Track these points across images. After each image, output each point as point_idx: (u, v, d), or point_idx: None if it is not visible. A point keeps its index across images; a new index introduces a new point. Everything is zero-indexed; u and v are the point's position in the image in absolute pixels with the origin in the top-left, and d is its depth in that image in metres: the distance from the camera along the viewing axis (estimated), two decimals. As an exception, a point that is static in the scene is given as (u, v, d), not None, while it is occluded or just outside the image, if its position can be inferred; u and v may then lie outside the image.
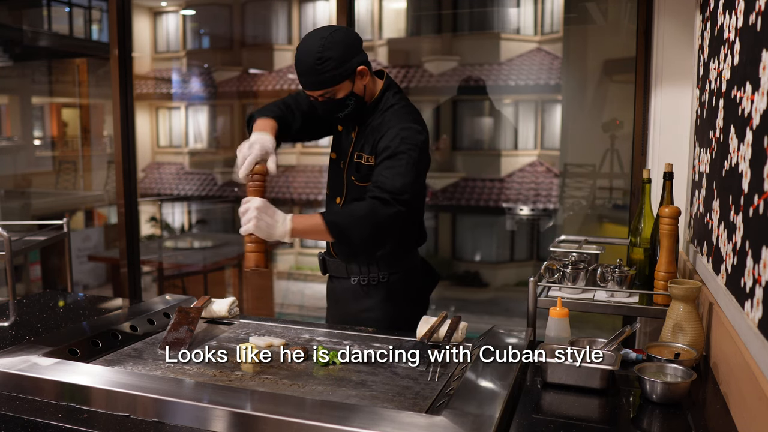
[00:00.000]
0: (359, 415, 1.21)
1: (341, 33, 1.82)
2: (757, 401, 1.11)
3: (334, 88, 1.81)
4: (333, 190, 2.04)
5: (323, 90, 1.81)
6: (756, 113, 1.25)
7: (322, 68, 1.77)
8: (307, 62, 1.78)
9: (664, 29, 2.52)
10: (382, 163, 1.82)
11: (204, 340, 1.78)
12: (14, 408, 1.33)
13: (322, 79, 1.78)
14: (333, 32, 1.81)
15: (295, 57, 1.81)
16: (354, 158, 1.94)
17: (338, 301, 2.09)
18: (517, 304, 5.65)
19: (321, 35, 1.79)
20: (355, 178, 1.94)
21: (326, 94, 1.82)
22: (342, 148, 2.00)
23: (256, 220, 1.69)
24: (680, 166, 2.38)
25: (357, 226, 1.75)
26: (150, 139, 9.46)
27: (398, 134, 1.82)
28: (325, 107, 1.87)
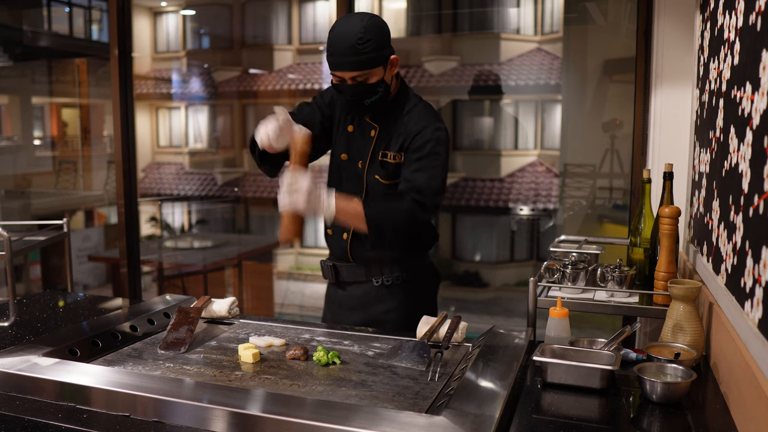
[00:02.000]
0: (359, 415, 1.21)
1: (379, 19, 1.86)
2: (757, 401, 1.11)
3: (369, 71, 1.81)
4: (346, 191, 1.96)
5: (359, 72, 1.80)
6: (756, 113, 1.25)
7: (363, 49, 1.77)
8: (347, 42, 1.77)
9: (664, 29, 2.52)
10: (417, 161, 1.85)
11: (204, 340, 1.78)
12: (14, 408, 1.33)
13: (361, 60, 1.78)
14: (372, 17, 1.84)
15: (331, 38, 1.80)
16: (379, 157, 1.93)
17: (353, 307, 2.05)
18: (517, 304, 5.65)
19: (360, 18, 1.81)
20: (380, 177, 1.93)
21: (359, 77, 1.81)
22: (358, 148, 1.97)
23: (305, 204, 1.70)
24: (680, 166, 2.38)
25: (393, 225, 1.82)
26: (150, 139, 9.47)
27: (433, 135, 1.86)
28: (354, 91, 1.84)
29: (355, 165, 1.98)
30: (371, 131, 1.95)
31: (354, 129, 1.98)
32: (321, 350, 1.61)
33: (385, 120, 1.94)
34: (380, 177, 1.93)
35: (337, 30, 1.80)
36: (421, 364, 1.57)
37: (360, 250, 2.00)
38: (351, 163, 1.99)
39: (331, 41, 1.80)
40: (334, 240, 2.04)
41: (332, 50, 1.80)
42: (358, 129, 1.98)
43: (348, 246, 2.00)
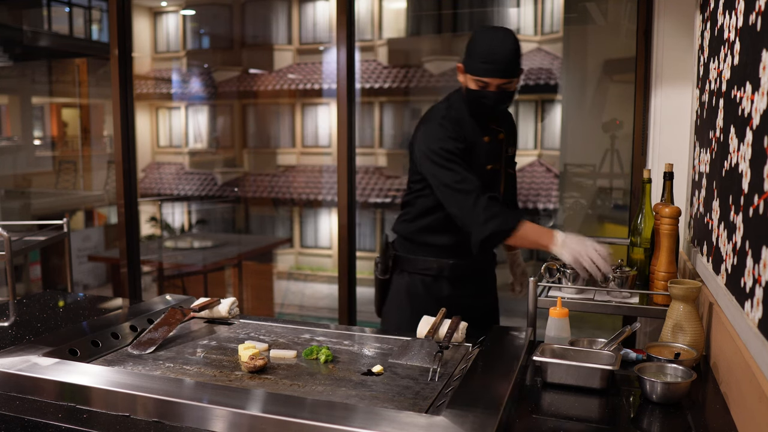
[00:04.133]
0: (359, 415, 1.21)
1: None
2: (757, 401, 1.11)
3: (514, 80, 2.05)
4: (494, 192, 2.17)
5: (510, 79, 2.02)
6: (756, 113, 1.25)
7: (517, 59, 2.03)
8: (510, 52, 2.00)
9: (664, 29, 2.52)
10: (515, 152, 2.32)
11: (204, 340, 1.78)
12: (14, 408, 1.33)
13: (513, 68, 2.02)
14: (513, 31, 2.08)
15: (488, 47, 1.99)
16: (506, 154, 2.24)
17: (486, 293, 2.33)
18: (517, 304, 5.64)
19: (509, 32, 2.05)
20: (510, 169, 2.31)
21: (507, 84, 2.03)
22: (496, 154, 2.18)
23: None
24: (680, 166, 2.38)
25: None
26: (150, 139, 9.47)
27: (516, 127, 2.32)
28: (498, 97, 2.04)
29: (496, 167, 2.19)
30: (500, 135, 2.18)
31: (490, 139, 2.16)
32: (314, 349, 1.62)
33: (502, 123, 2.20)
34: (510, 169, 2.31)
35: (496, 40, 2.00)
36: (431, 362, 1.57)
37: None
38: (494, 168, 2.18)
39: (489, 50, 1.98)
40: None
41: (490, 59, 1.98)
42: (492, 137, 2.16)
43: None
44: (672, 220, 1.92)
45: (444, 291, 2.20)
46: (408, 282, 2.21)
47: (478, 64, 2.00)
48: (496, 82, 2.00)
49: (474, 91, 2.05)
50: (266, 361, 1.56)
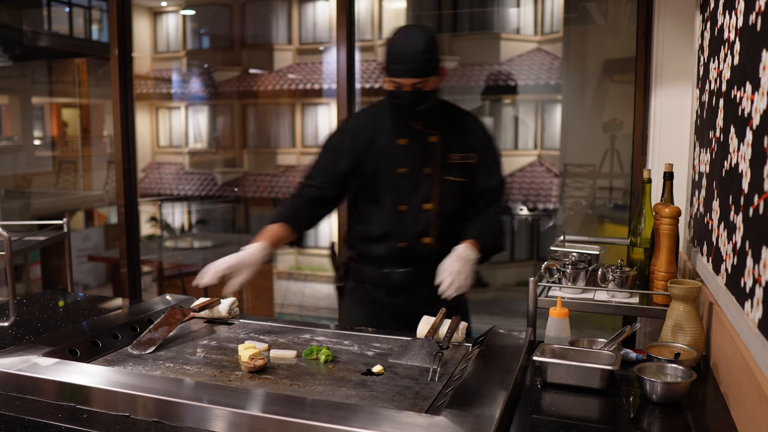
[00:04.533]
0: (359, 415, 1.21)
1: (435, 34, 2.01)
2: (757, 401, 1.11)
3: (429, 79, 1.94)
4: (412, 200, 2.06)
5: (422, 78, 1.92)
6: (756, 113, 1.25)
7: (428, 57, 1.92)
8: (416, 50, 1.91)
9: (664, 29, 2.52)
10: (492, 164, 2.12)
11: (204, 340, 1.78)
12: (14, 408, 1.33)
13: (425, 67, 1.92)
14: (430, 30, 2.00)
15: (397, 47, 1.93)
16: (448, 160, 2.06)
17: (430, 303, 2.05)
18: (517, 304, 5.65)
19: (422, 30, 1.97)
20: (453, 177, 2.07)
21: (418, 84, 1.93)
22: (419, 157, 2.05)
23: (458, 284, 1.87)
24: (680, 166, 2.38)
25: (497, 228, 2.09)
26: (150, 139, 9.47)
27: (490, 136, 2.16)
28: (411, 98, 1.95)
29: (419, 173, 2.05)
30: (430, 137, 2.05)
31: (408, 141, 2.05)
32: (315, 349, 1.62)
33: (440, 126, 2.06)
34: (452, 177, 2.08)
35: (404, 39, 1.94)
36: (431, 362, 1.57)
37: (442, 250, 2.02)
38: (414, 173, 2.06)
39: (398, 50, 1.93)
40: (413, 249, 2.07)
41: (398, 58, 1.92)
42: (414, 139, 2.05)
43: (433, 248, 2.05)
44: (672, 220, 1.92)
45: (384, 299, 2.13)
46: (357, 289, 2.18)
47: (390, 64, 1.95)
48: (408, 81, 1.93)
49: (389, 92, 2.00)
50: (266, 361, 1.56)
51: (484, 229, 2.05)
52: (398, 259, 2.09)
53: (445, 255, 2.04)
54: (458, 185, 2.07)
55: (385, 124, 2.07)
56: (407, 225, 2.06)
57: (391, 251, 2.08)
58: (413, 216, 2.06)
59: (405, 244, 2.07)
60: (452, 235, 2.05)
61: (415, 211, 2.06)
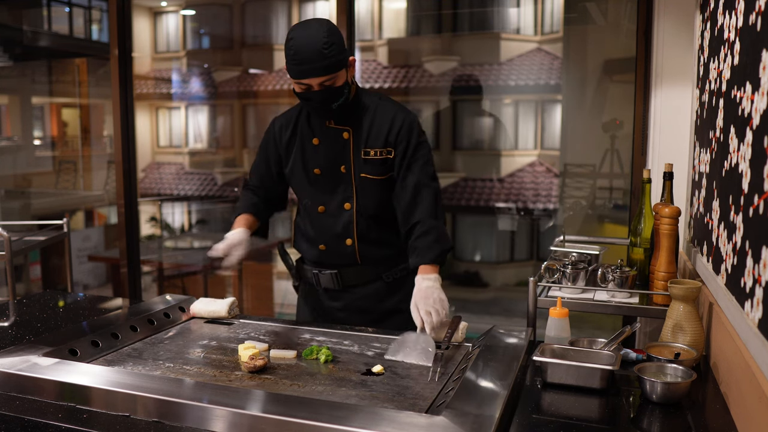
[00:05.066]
0: (359, 415, 1.21)
1: (332, 23, 1.86)
2: (757, 401, 1.11)
3: (336, 75, 1.81)
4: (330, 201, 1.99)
5: (327, 76, 1.80)
6: (756, 113, 1.25)
7: (329, 53, 1.78)
8: (313, 48, 1.77)
9: (664, 29, 2.52)
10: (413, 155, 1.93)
11: (204, 340, 1.78)
12: (14, 408, 1.33)
13: (327, 64, 1.78)
14: (328, 21, 1.85)
15: (293, 47, 1.79)
16: (362, 155, 1.94)
17: (364, 308, 2.04)
18: (517, 304, 5.65)
19: (318, 24, 1.82)
20: (369, 174, 1.94)
21: (327, 82, 1.81)
22: (333, 155, 1.96)
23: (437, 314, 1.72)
24: (680, 166, 2.38)
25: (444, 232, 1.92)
26: (150, 139, 9.47)
27: (411, 125, 1.95)
28: (322, 97, 1.84)
29: (335, 172, 1.96)
30: (343, 134, 1.95)
31: (320, 140, 1.97)
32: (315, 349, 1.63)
33: (354, 121, 1.95)
34: (370, 174, 1.95)
35: (301, 38, 1.79)
36: (427, 360, 1.57)
37: (368, 251, 2.00)
38: (329, 172, 1.97)
39: (296, 50, 1.78)
40: (334, 251, 2.01)
41: (299, 59, 1.78)
42: (326, 137, 1.96)
43: (356, 249, 1.98)
44: (672, 220, 1.92)
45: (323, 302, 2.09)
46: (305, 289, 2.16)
47: (290, 65, 1.81)
48: (315, 81, 1.80)
49: (298, 95, 1.88)
50: (266, 361, 1.56)
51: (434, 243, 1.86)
52: (322, 262, 2.03)
53: (368, 257, 1.99)
54: (377, 183, 1.95)
55: (302, 123, 2.00)
56: (327, 227, 1.99)
57: (316, 253, 2.03)
58: (333, 217, 1.98)
59: (325, 247, 2.00)
60: (377, 236, 1.99)
61: (334, 211, 1.98)
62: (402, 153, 1.93)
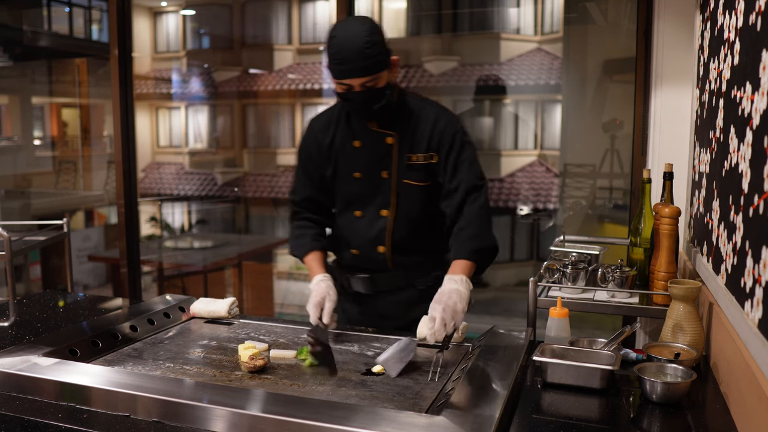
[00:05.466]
0: (359, 415, 1.21)
1: (375, 22, 1.80)
2: (757, 401, 1.11)
3: (378, 75, 1.76)
4: (368, 206, 1.94)
5: (370, 77, 1.75)
6: (756, 113, 1.25)
7: (371, 53, 1.72)
8: (355, 48, 1.71)
9: (664, 29, 2.52)
10: (458, 157, 1.87)
11: (204, 340, 1.78)
12: (14, 408, 1.33)
13: (370, 64, 1.73)
14: (371, 20, 1.79)
15: (336, 46, 1.73)
16: (405, 161, 1.89)
17: (390, 316, 1.99)
18: (517, 304, 5.65)
19: (362, 21, 1.76)
20: (412, 180, 1.90)
21: (369, 83, 1.76)
22: (374, 160, 1.90)
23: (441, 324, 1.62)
24: (680, 166, 2.38)
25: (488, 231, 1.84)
26: (150, 139, 9.47)
27: (456, 127, 1.89)
28: (364, 98, 1.78)
29: (375, 177, 1.91)
30: (387, 138, 1.89)
31: (362, 143, 1.91)
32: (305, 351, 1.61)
33: (398, 125, 1.89)
34: (413, 180, 1.90)
35: (341, 37, 1.74)
36: (393, 370, 1.52)
37: (400, 259, 1.96)
38: (369, 177, 1.92)
39: (338, 49, 1.73)
40: (366, 257, 1.97)
41: (340, 58, 1.73)
42: (369, 141, 1.90)
43: (388, 257, 1.95)
44: (672, 220, 1.92)
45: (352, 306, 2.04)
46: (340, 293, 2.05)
47: (332, 65, 1.76)
48: (356, 82, 1.75)
49: (339, 95, 1.83)
50: (266, 361, 1.56)
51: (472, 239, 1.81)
52: (353, 267, 2.00)
53: (401, 264, 1.94)
54: (420, 189, 1.90)
55: (342, 124, 1.94)
56: (361, 232, 1.95)
57: (347, 257, 2.00)
58: (368, 223, 1.94)
59: (357, 252, 1.97)
60: (411, 244, 1.94)
61: (370, 217, 1.94)
62: (445, 156, 1.87)
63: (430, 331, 1.61)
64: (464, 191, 1.86)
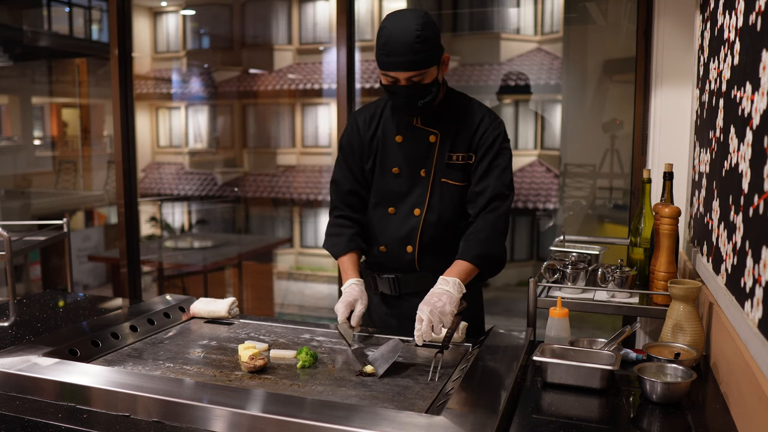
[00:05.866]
0: (359, 415, 1.21)
1: (430, 16, 1.77)
2: (757, 401, 1.11)
3: (426, 71, 1.73)
4: (402, 203, 1.92)
5: (417, 71, 1.72)
6: (756, 113, 1.25)
7: (421, 47, 1.69)
8: (405, 41, 1.68)
9: (664, 29, 2.52)
10: (492, 162, 1.85)
11: (204, 340, 1.78)
12: (14, 408, 1.33)
13: (419, 59, 1.70)
14: (425, 14, 1.75)
15: (386, 36, 1.71)
16: (444, 160, 1.87)
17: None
18: (517, 304, 5.65)
19: (415, 15, 1.73)
20: (451, 180, 1.88)
21: (416, 77, 1.73)
22: (414, 157, 1.88)
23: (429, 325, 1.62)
24: (680, 166, 2.38)
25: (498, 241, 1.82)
26: (150, 139, 9.46)
27: (495, 130, 1.86)
28: (409, 92, 1.76)
29: (414, 174, 1.89)
30: (430, 137, 1.87)
31: (404, 138, 1.89)
32: (304, 351, 1.61)
33: (443, 123, 1.87)
34: (451, 180, 1.88)
35: (393, 28, 1.71)
36: (380, 368, 1.53)
37: (428, 260, 1.93)
38: (408, 174, 1.89)
39: (387, 40, 1.71)
40: (393, 255, 1.94)
41: (389, 49, 1.70)
42: (411, 137, 1.88)
43: (416, 257, 1.92)
44: (672, 220, 1.92)
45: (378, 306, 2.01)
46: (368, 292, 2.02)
47: (379, 55, 1.73)
48: (403, 75, 1.72)
49: (384, 86, 1.80)
50: (266, 361, 1.56)
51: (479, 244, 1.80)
52: (381, 265, 1.97)
53: (429, 266, 1.91)
54: (457, 190, 1.88)
55: (386, 117, 1.92)
56: (391, 230, 1.92)
57: (375, 255, 1.98)
58: (400, 221, 1.92)
59: (385, 249, 1.94)
60: (440, 245, 1.91)
61: (403, 215, 1.91)
62: (481, 158, 1.85)
63: (417, 332, 1.60)
64: (489, 197, 1.84)
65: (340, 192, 1.98)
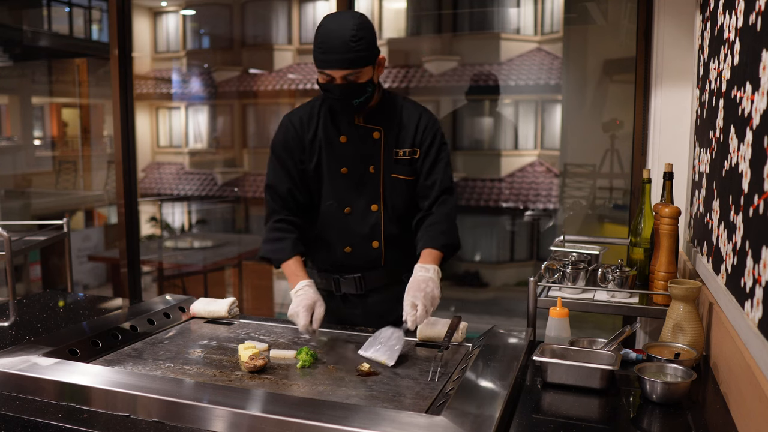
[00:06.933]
0: (359, 415, 1.21)
1: (367, 18, 1.82)
2: (757, 401, 1.11)
3: (361, 70, 1.78)
4: (357, 201, 1.94)
5: (352, 70, 1.76)
6: (756, 113, 1.25)
7: (356, 46, 1.75)
8: (341, 39, 1.74)
9: (664, 29, 2.52)
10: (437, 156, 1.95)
11: (204, 340, 1.78)
12: (14, 408, 1.33)
13: (353, 57, 1.75)
14: (362, 15, 1.81)
15: (322, 35, 1.77)
16: (392, 156, 1.93)
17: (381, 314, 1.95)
18: (517, 304, 5.65)
19: (352, 15, 1.79)
20: (400, 174, 1.94)
21: (350, 76, 1.77)
22: (361, 155, 1.92)
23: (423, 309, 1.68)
24: (680, 166, 2.38)
25: (455, 230, 1.93)
26: (150, 139, 9.46)
27: (434, 126, 1.96)
28: (343, 91, 1.80)
29: (363, 172, 1.93)
30: (374, 133, 1.92)
31: (348, 138, 1.92)
32: (304, 351, 1.61)
33: (384, 120, 1.93)
34: (400, 175, 1.94)
35: (329, 27, 1.77)
36: (390, 358, 1.56)
37: (393, 253, 1.96)
38: (357, 172, 1.93)
39: (323, 38, 1.77)
40: (359, 253, 1.96)
41: (324, 47, 1.76)
42: (355, 136, 1.92)
43: (382, 252, 1.95)
44: (672, 220, 1.92)
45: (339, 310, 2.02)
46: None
47: (316, 53, 1.79)
48: (338, 73, 1.76)
49: (320, 85, 1.84)
50: (266, 361, 1.56)
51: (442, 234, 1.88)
52: (344, 266, 1.98)
53: (393, 259, 1.95)
54: (406, 183, 1.94)
55: (325, 119, 1.94)
56: (353, 228, 1.94)
57: (337, 257, 1.97)
58: (359, 218, 1.94)
59: (351, 249, 1.96)
60: (402, 238, 1.96)
61: (360, 213, 1.94)
62: (426, 152, 1.94)
63: (412, 317, 1.64)
64: (440, 190, 1.94)
65: (277, 196, 1.97)
